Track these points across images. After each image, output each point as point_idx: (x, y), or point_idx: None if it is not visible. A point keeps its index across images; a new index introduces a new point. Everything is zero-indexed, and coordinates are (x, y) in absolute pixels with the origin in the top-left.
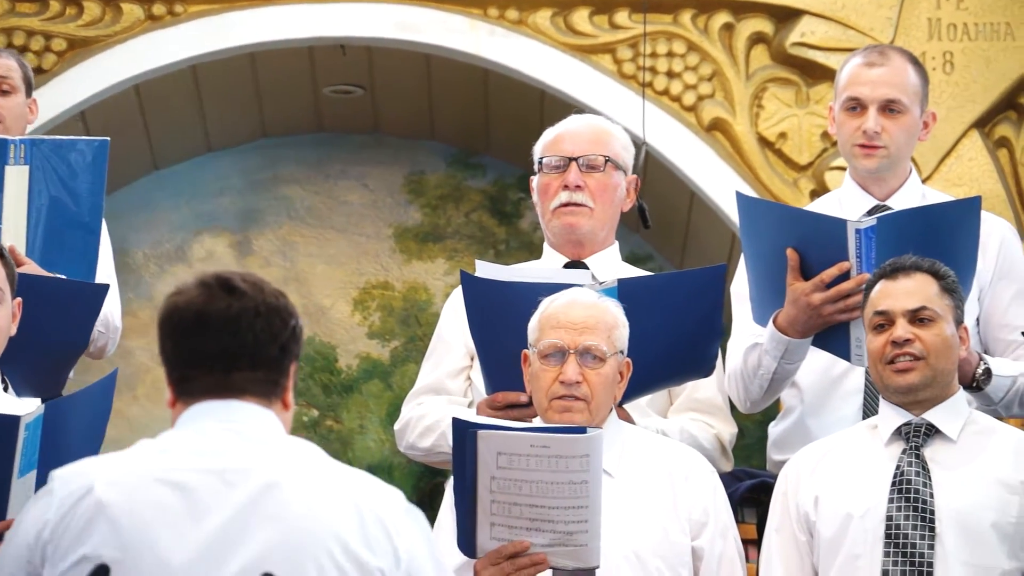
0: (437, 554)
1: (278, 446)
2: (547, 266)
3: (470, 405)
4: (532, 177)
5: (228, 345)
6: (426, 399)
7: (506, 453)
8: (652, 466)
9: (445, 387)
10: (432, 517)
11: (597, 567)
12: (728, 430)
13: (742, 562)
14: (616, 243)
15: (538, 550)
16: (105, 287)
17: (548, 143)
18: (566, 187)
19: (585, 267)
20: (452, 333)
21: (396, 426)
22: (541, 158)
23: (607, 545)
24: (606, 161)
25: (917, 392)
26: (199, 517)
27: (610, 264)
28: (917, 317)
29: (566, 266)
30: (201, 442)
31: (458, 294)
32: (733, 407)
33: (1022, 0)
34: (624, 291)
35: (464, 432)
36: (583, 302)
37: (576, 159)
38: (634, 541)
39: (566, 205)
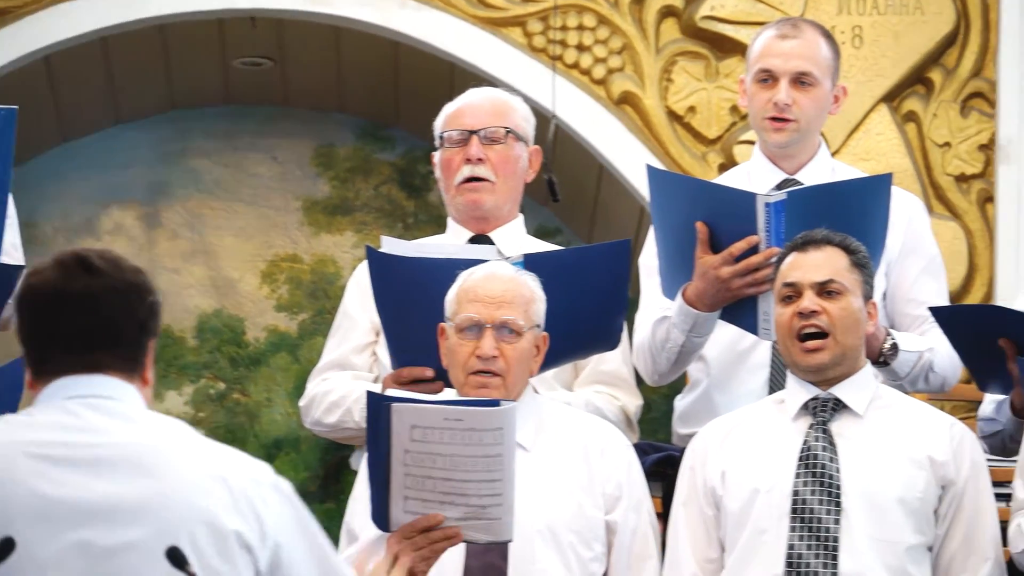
0: (311, 527)
1: (144, 420)
2: (452, 241)
3: (376, 380)
4: (434, 153)
5: (86, 324)
6: (331, 375)
7: (420, 426)
8: (568, 440)
9: (350, 362)
10: (340, 491)
11: (510, 541)
12: (634, 402)
13: (656, 536)
14: (521, 216)
15: (451, 523)
16: (20, 268)
17: (448, 117)
18: (468, 161)
19: (490, 242)
20: (356, 309)
21: (301, 402)
22: (442, 133)
23: (521, 519)
24: (507, 133)
25: (826, 369)
26: (69, 489)
27: (515, 238)
28: (825, 290)
29: (471, 241)
30: (65, 417)
31: (362, 269)
32: (640, 380)
33: None
34: (530, 265)
35: (378, 405)
36: (501, 276)
37: (477, 132)
38: (548, 516)
39: (469, 181)
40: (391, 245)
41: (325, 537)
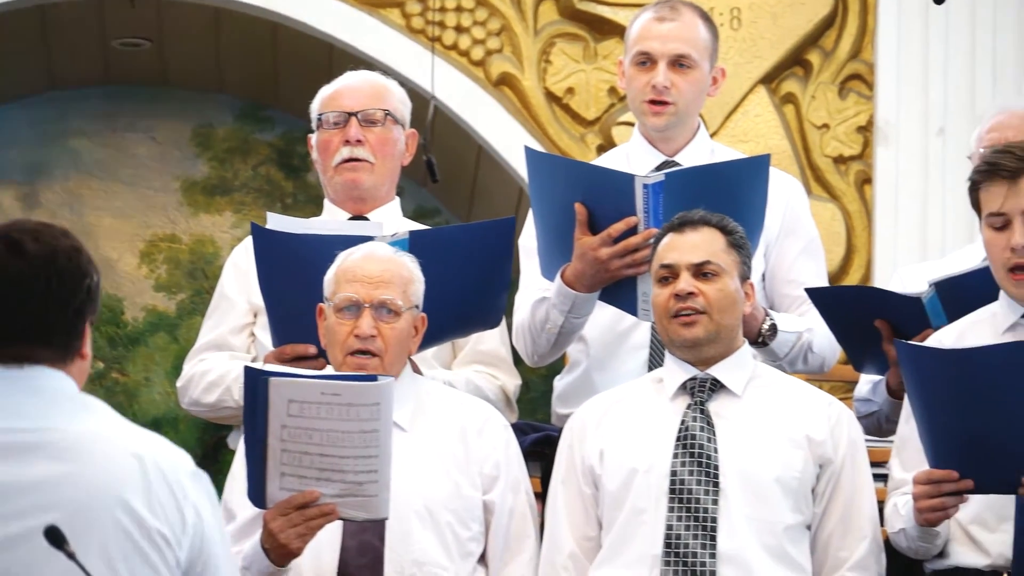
0: (221, 520)
1: (67, 405)
2: (339, 219)
3: (253, 361)
4: (310, 135)
5: (14, 317)
6: (209, 355)
7: (297, 401)
8: (446, 420)
9: (228, 343)
10: (218, 470)
11: (386, 518)
12: (512, 382)
13: (534, 516)
14: (398, 199)
15: (327, 500)
16: None
17: (326, 99)
18: (347, 142)
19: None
20: (234, 290)
21: (178, 383)
22: (320, 114)
23: (399, 499)
24: (386, 115)
25: (701, 346)
26: None
27: (392, 219)
28: (701, 271)
29: (349, 220)
30: None
31: (239, 250)
32: (519, 360)
33: None
34: (415, 243)
35: (256, 380)
36: (379, 256)
37: (355, 114)
38: (425, 495)
39: (348, 161)
40: (276, 222)
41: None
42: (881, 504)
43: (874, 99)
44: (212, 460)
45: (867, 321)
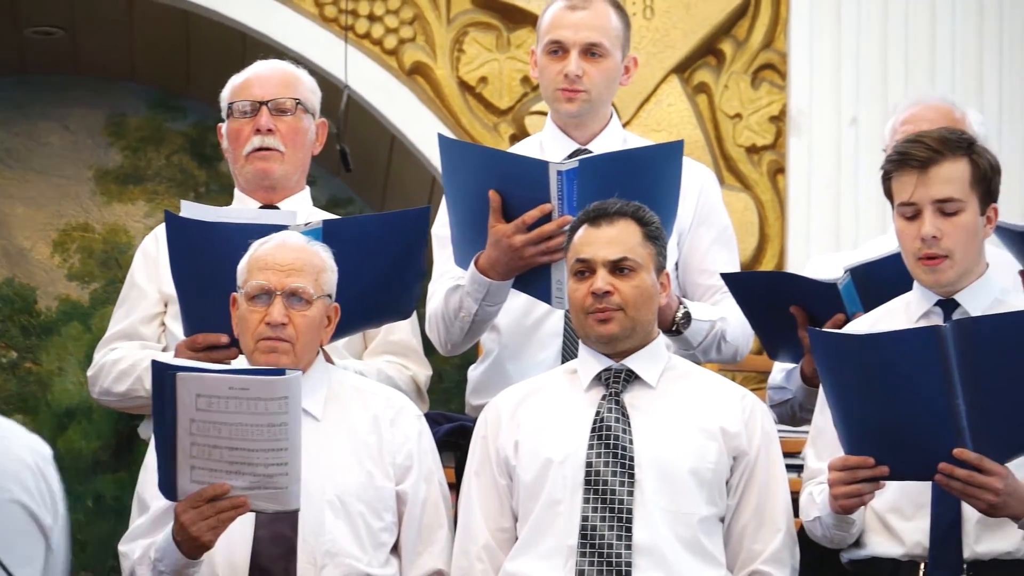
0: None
1: None
2: (252, 208)
3: (164, 350)
4: (220, 124)
5: None
6: (120, 345)
7: (205, 395)
8: (358, 410)
9: (139, 333)
10: (132, 460)
11: (297, 510)
12: (423, 372)
13: (447, 506)
14: (308, 188)
15: (238, 493)
16: None
17: (236, 88)
18: (258, 131)
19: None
20: (144, 279)
21: (89, 372)
22: (230, 103)
23: (311, 489)
24: (296, 104)
25: (617, 341)
26: None
27: (303, 208)
28: (618, 267)
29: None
30: None
31: (150, 239)
32: (433, 350)
33: None
34: (328, 232)
35: (163, 374)
36: (292, 245)
37: (266, 103)
38: (338, 485)
39: (258, 150)
40: (191, 210)
41: None
42: (795, 495)
43: (787, 89)
44: (127, 450)
45: (782, 307)
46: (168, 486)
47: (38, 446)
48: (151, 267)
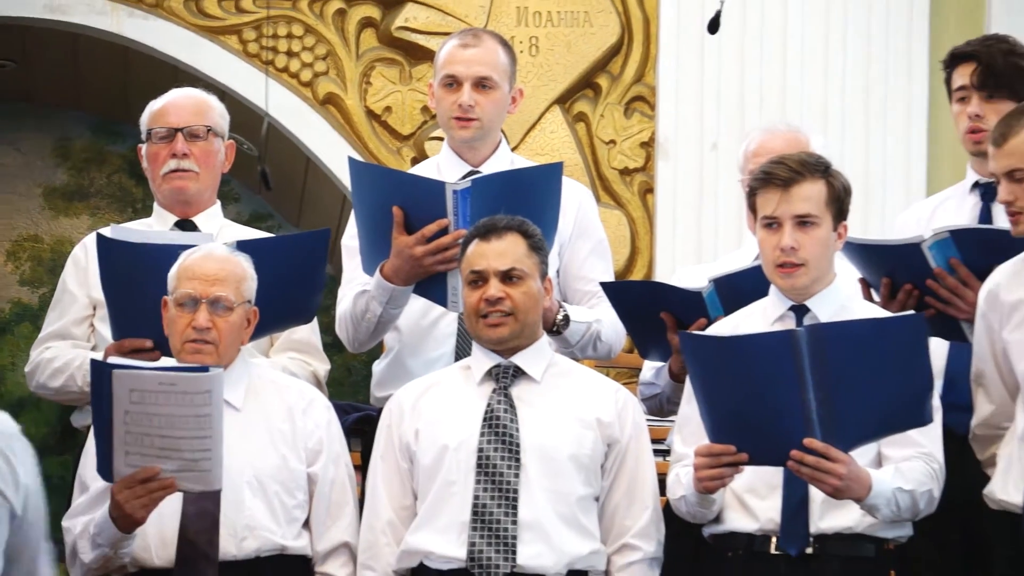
0: (42, 502)
1: None
2: (159, 224)
3: (94, 349)
4: (141, 145)
5: None
6: (53, 344)
7: (138, 390)
8: (274, 401)
9: (70, 333)
10: (75, 444)
11: (220, 489)
12: (323, 367)
13: (353, 486)
14: (219, 203)
15: (167, 475)
16: None
17: (154, 114)
18: (173, 155)
19: (194, 225)
20: (75, 285)
21: (27, 368)
22: (150, 129)
23: (232, 471)
24: (208, 130)
25: (507, 342)
26: None
27: (214, 221)
28: (508, 276)
29: (176, 224)
30: None
31: (79, 249)
32: (337, 347)
33: None
34: (242, 250)
35: (101, 372)
36: (217, 256)
37: (181, 130)
38: (256, 467)
39: (175, 171)
40: (118, 232)
41: None
42: (661, 476)
43: (655, 118)
44: (70, 435)
45: (653, 312)
46: (106, 469)
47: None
48: (81, 274)
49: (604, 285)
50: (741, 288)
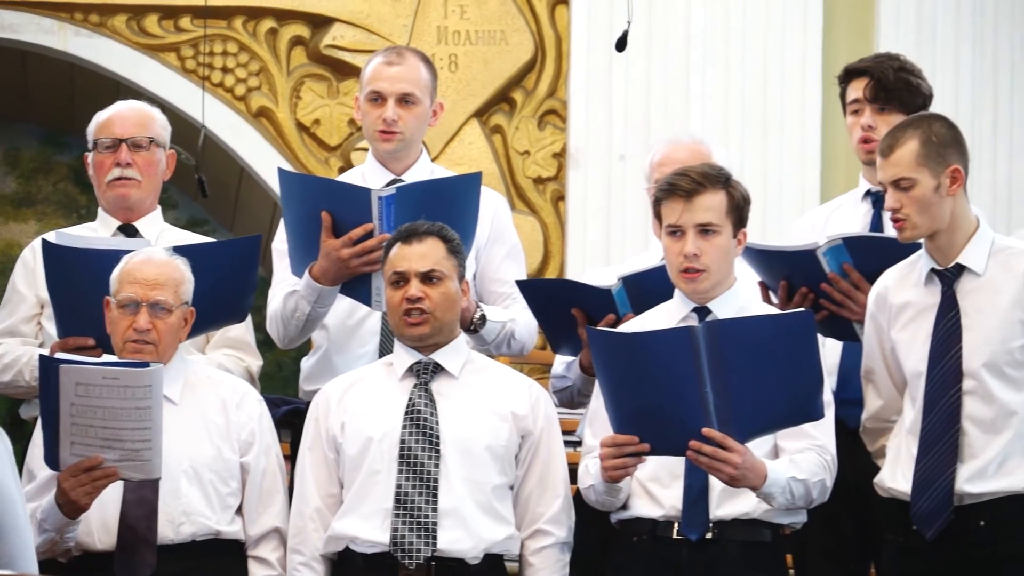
0: (15, 485)
1: None
2: (103, 228)
3: (41, 345)
4: (87, 154)
5: None
6: (3, 341)
7: (83, 384)
8: (209, 395)
9: (19, 330)
10: (23, 435)
11: (159, 478)
12: (255, 363)
13: (283, 475)
14: (159, 208)
15: (110, 464)
16: None
17: (100, 125)
18: (118, 164)
19: (136, 230)
20: (23, 285)
21: None
22: (96, 139)
23: (170, 461)
24: (150, 141)
25: (426, 339)
26: None
27: (155, 225)
28: (427, 277)
29: (119, 228)
30: None
31: (28, 252)
32: (271, 343)
33: (514, 12)
34: (177, 254)
35: (48, 366)
36: (156, 261)
37: (125, 140)
38: (192, 458)
39: (119, 179)
40: (62, 238)
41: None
42: (572, 466)
43: (567, 130)
44: (18, 427)
45: (566, 309)
46: (52, 458)
47: None
48: (29, 275)
49: (520, 283)
50: (648, 286)
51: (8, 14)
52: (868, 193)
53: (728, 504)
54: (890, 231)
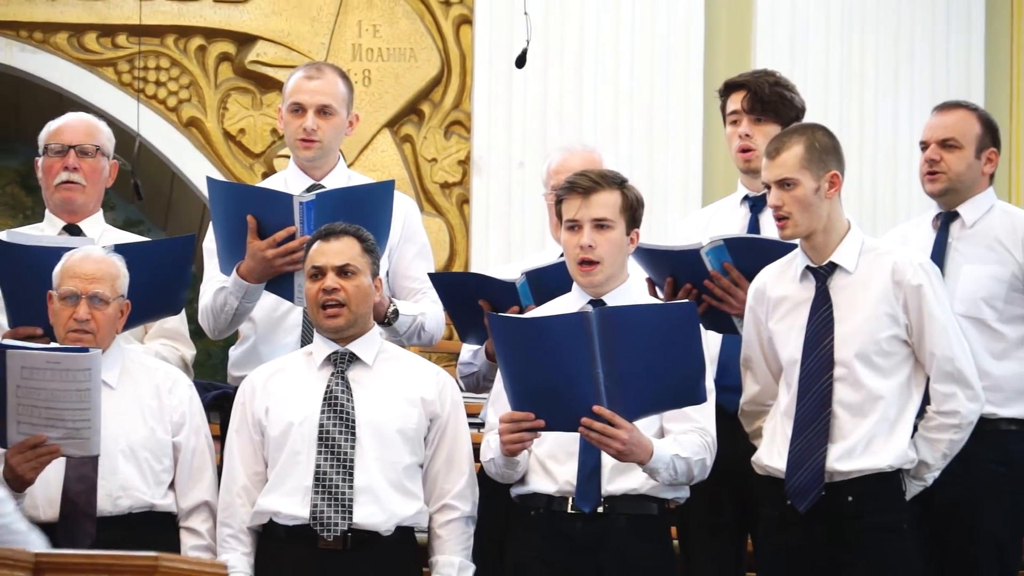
0: None
1: None
2: (50, 228)
3: None
4: (37, 159)
5: None
6: None
7: (28, 367)
8: (144, 380)
9: None
10: None
11: (97, 455)
12: (189, 352)
13: (211, 454)
14: (101, 211)
15: (53, 442)
16: None
17: (51, 132)
18: (66, 168)
19: (79, 230)
20: None
21: None
22: (46, 144)
23: (108, 441)
24: (96, 150)
25: (343, 331)
26: None
27: (97, 226)
28: (343, 271)
29: (64, 228)
30: None
31: None
32: (203, 333)
33: (422, 31)
34: (118, 252)
35: None
36: (94, 257)
37: (73, 147)
38: (129, 437)
39: (65, 183)
40: (12, 236)
41: None
42: (476, 446)
43: (471, 139)
44: None
45: (473, 301)
46: (0, 436)
47: None
48: None
49: (432, 275)
50: (548, 280)
51: None
52: (746, 198)
53: (618, 480)
54: (766, 233)
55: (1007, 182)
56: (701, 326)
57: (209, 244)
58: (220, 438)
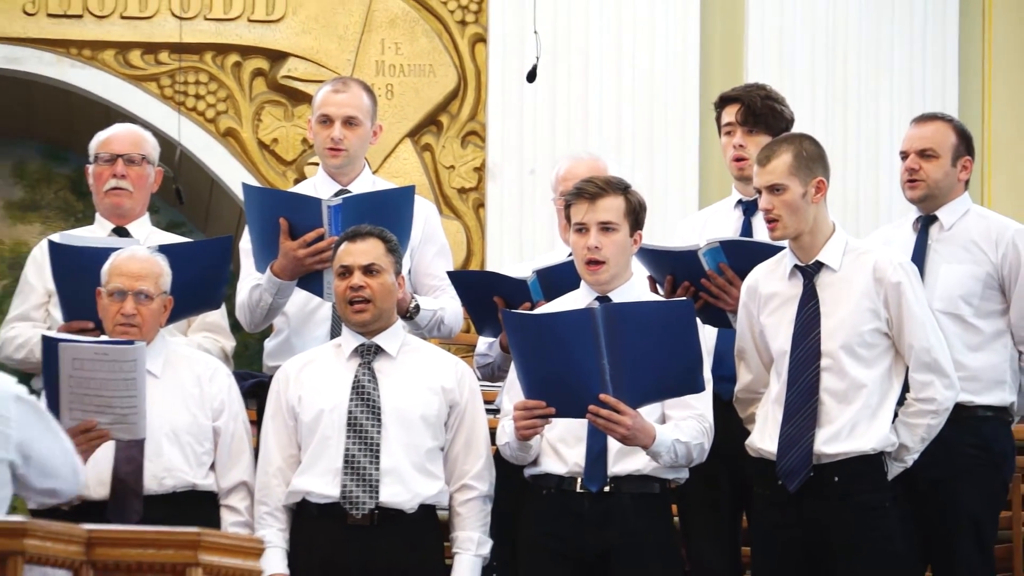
0: (46, 418)
1: None
2: (99, 231)
3: (49, 328)
4: (88, 166)
5: None
6: (17, 325)
7: (79, 359)
8: (186, 370)
9: (30, 316)
10: None
11: (143, 439)
12: (229, 344)
13: (249, 438)
14: (148, 214)
15: (103, 427)
16: None
17: (101, 142)
18: (114, 176)
19: (127, 232)
20: (34, 278)
21: None
22: (96, 153)
23: (153, 426)
24: (142, 158)
25: (368, 325)
26: None
27: (144, 228)
28: (368, 269)
29: (113, 231)
30: None
31: (37, 250)
32: (240, 327)
33: (440, 49)
34: (163, 251)
35: (50, 344)
36: (139, 257)
37: (121, 156)
38: (172, 423)
39: (114, 189)
40: (65, 238)
41: (55, 421)
42: (493, 430)
43: (486, 148)
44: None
45: (488, 297)
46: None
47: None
48: (38, 270)
49: (450, 273)
50: (558, 278)
51: (16, 49)
52: (739, 202)
53: (623, 462)
54: (758, 236)
55: (980, 187)
56: (698, 321)
57: (245, 244)
58: (257, 423)
